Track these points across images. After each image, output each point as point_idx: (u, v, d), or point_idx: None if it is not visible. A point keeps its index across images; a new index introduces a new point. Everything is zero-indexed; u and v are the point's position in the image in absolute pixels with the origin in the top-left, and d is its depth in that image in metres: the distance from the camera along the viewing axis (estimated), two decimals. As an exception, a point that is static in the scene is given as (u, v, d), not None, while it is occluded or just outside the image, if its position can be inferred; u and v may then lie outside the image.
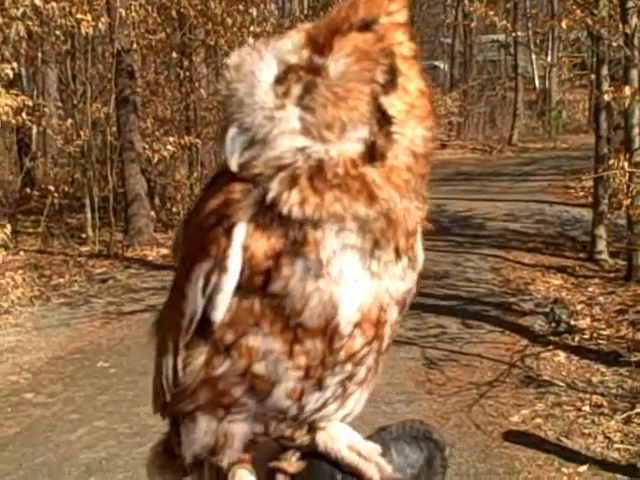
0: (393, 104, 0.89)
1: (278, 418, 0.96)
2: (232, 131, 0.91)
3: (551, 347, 7.30)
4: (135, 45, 13.68)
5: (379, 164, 0.89)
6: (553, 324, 7.84)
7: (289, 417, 0.96)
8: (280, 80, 0.90)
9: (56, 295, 9.90)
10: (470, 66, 32.25)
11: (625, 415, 5.82)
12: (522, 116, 28.14)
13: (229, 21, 14.03)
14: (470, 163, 22.91)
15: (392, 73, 0.90)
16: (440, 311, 8.37)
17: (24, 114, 9.87)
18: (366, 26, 0.89)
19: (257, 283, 0.89)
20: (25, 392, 6.72)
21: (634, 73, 9.23)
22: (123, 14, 11.89)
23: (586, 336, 7.56)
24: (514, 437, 5.56)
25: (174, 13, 14.39)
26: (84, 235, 12.90)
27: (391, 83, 0.90)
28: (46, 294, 9.94)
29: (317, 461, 1.01)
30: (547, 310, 8.15)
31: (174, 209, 14.23)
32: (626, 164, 7.57)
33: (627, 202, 8.06)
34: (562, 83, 29.96)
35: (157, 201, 14.41)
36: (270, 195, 0.88)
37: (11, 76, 9.68)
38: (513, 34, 19.54)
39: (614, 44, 9.87)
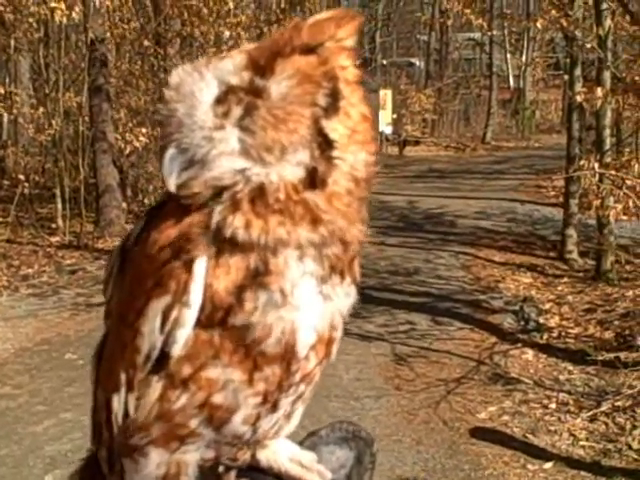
0: (334, 128, 0.88)
1: (232, 443, 0.95)
2: (170, 151, 0.90)
3: (519, 345, 7.36)
4: (109, 34, 13.56)
5: (320, 190, 0.88)
6: (522, 322, 7.90)
7: (243, 441, 0.95)
8: (220, 101, 0.89)
9: (24, 285, 9.80)
10: (445, 64, 32.35)
11: (591, 413, 5.87)
12: (496, 115, 28.28)
13: (205, 12, 13.95)
14: (443, 160, 23.01)
15: (334, 97, 0.89)
16: (410, 308, 8.40)
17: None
18: (309, 49, 0.88)
19: (218, 318, 0.87)
20: (-9, 383, 6.66)
21: (606, 75, 9.30)
22: (97, 3, 11.79)
23: (554, 334, 7.63)
24: (481, 434, 5.59)
25: (149, 2, 14.30)
26: (54, 225, 12.78)
27: (333, 107, 0.88)
28: (14, 284, 9.83)
29: (258, 475, 1.02)
30: (516, 308, 8.21)
31: (146, 201, 14.12)
32: (596, 165, 7.63)
33: (597, 203, 8.13)
34: (536, 83, 30.19)
35: (129, 192, 14.30)
36: (214, 220, 0.87)
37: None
38: (489, 33, 19.69)
39: (588, 45, 9.92)
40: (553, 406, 6.05)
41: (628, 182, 7.38)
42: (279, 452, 1.03)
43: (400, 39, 40.65)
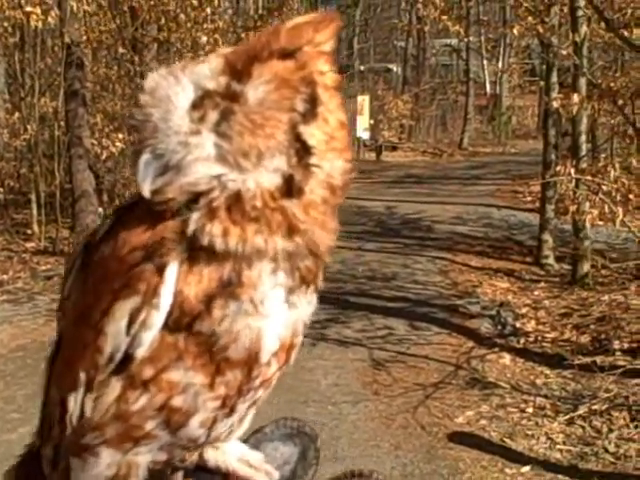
0: (312, 134, 0.87)
1: (186, 446, 0.95)
2: (145, 157, 0.88)
3: (497, 349, 7.38)
4: (85, 38, 13.49)
5: (297, 198, 0.87)
6: (499, 327, 7.94)
7: (196, 444, 0.95)
8: (196, 106, 0.87)
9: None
10: (423, 69, 32.48)
11: (568, 417, 5.90)
12: (472, 120, 28.43)
13: (182, 17, 13.91)
14: (420, 166, 23.08)
15: (312, 102, 0.88)
16: (388, 313, 8.41)
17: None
18: (287, 54, 0.87)
19: (184, 323, 0.86)
20: (-36, 389, 6.59)
21: (582, 81, 9.36)
22: (74, 7, 11.71)
23: (531, 339, 7.66)
24: (459, 438, 5.60)
25: (126, 7, 14.23)
26: (29, 231, 12.68)
27: (311, 112, 0.87)
28: (-11, 290, 9.74)
29: (205, 475, 1.01)
30: (493, 313, 8.25)
31: (123, 206, 14.04)
32: (573, 170, 7.67)
33: (573, 208, 8.17)
34: (512, 89, 30.37)
35: (105, 198, 14.21)
36: (191, 227, 0.85)
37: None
38: (466, 39, 19.80)
39: (564, 52, 10.00)
40: (530, 410, 6.07)
41: (604, 187, 7.41)
42: (227, 452, 1.03)
43: (377, 45, 40.77)
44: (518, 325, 8.02)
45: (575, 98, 7.90)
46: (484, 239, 12.30)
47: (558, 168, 8.08)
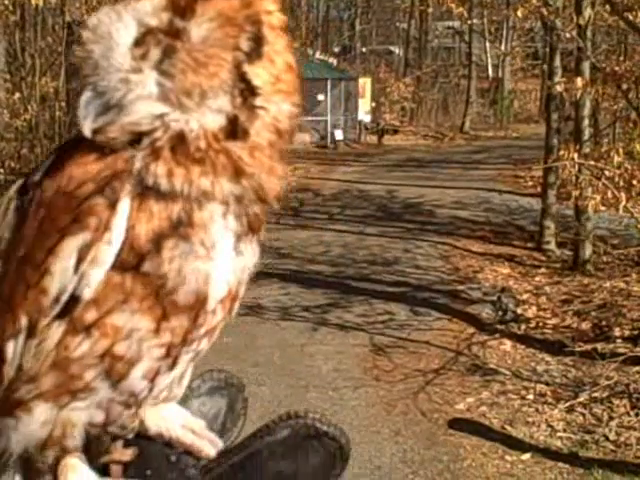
0: (257, 74, 0.84)
1: (125, 403, 0.89)
2: (86, 95, 0.85)
3: (498, 335, 7.37)
4: (86, 17, 13.40)
5: (242, 140, 0.84)
6: (500, 313, 7.92)
7: (137, 401, 0.90)
8: (138, 43, 0.84)
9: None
10: (425, 52, 32.37)
11: (568, 404, 5.90)
12: (474, 104, 28.36)
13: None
14: (422, 150, 23.03)
15: (257, 41, 0.85)
16: (389, 297, 8.40)
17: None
18: None
19: (133, 263, 0.83)
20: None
21: (586, 65, 9.32)
22: (75, -14, 11.64)
23: (532, 325, 7.65)
24: (459, 425, 5.60)
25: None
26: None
27: (256, 52, 0.85)
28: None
29: (148, 443, 0.96)
30: (494, 299, 8.22)
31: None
32: (576, 155, 7.64)
33: (576, 193, 8.14)
34: (515, 72, 30.28)
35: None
36: (136, 166, 0.82)
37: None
38: (468, 22, 19.70)
39: (567, 35, 9.94)
40: (531, 397, 6.07)
41: (607, 173, 7.38)
42: (170, 419, 0.98)
43: (379, 27, 40.56)
44: (519, 311, 8.01)
45: (579, 82, 7.85)
46: (485, 224, 12.28)
47: (561, 153, 8.05)
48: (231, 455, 0.96)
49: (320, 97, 23.50)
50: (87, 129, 0.84)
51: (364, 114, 24.73)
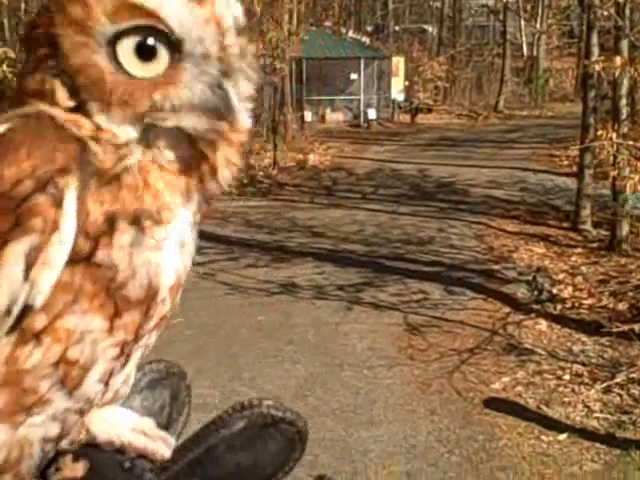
0: None
1: (81, 410, 0.85)
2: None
3: (533, 315, 7.33)
4: None
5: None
6: (535, 292, 7.87)
7: (92, 405, 0.86)
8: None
9: None
10: (458, 30, 32.07)
11: (605, 385, 5.86)
12: (509, 83, 28.08)
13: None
14: (455, 129, 22.87)
15: None
16: (423, 277, 8.37)
17: (5, 66, 9.69)
18: None
19: (84, 252, 0.77)
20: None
21: (624, 43, 9.18)
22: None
23: (568, 305, 7.60)
24: (495, 404, 5.58)
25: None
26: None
27: None
28: None
29: (98, 453, 0.91)
30: (530, 278, 8.17)
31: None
32: (614, 135, 7.54)
33: (614, 173, 8.05)
34: (550, 51, 29.90)
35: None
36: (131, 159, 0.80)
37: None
38: (503, 0, 19.46)
39: (605, 13, 9.80)
40: (567, 377, 6.04)
41: (646, 152, 7.30)
42: (117, 422, 0.93)
43: (413, 5, 40.19)
44: (555, 291, 7.95)
45: (617, 61, 7.74)
46: (520, 203, 12.18)
47: (599, 132, 7.95)
48: (186, 452, 0.92)
49: (353, 76, 23.41)
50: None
51: (397, 93, 24.59)
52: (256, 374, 6.00)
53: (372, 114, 23.28)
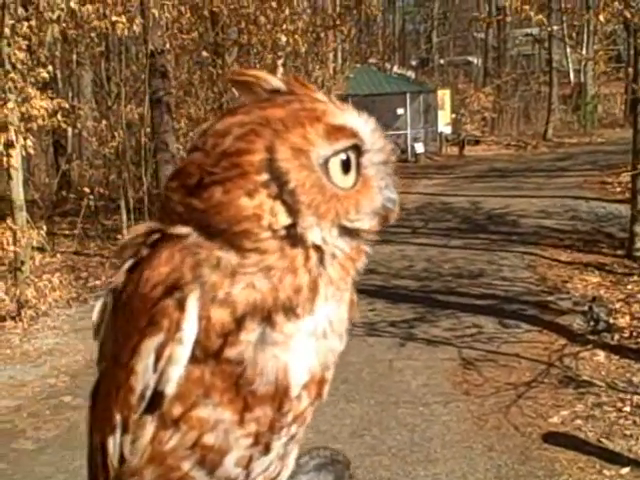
0: None
1: None
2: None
3: (590, 346, 7.21)
4: (168, 45, 13.75)
5: None
6: (592, 323, 7.74)
7: None
8: None
9: (93, 297, 9.96)
10: (504, 60, 32.04)
11: (667, 416, 5.73)
12: (557, 111, 27.91)
13: (262, 19, 14.05)
14: (504, 159, 22.76)
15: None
16: (476, 310, 8.31)
17: (59, 116, 9.95)
18: None
19: (213, 349, 0.86)
20: (63, 395, 6.78)
21: (671, 66, 9.08)
22: (156, 15, 11.94)
23: (626, 335, 7.46)
24: (554, 439, 5.49)
25: (206, 12, 14.44)
26: (120, 236, 12.95)
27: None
28: (83, 296, 10.02)
29: None
30: (585, 309, 8.04)
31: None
32: (665, 160, 7.46)
33: (667, 198, 7.94)
34: (597, 77, 29.66)
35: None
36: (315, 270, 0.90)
37: (47, 79, 9.78)
38: (547, 28, 19.40)
39: (650, 36, 9.71)
40: (627, 409, 5.91)
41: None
42: None
43: (457, 38, 40.34)
44: (612, 321, 7.80)
45: (665, 84, 7.66)
46: (572, 232, 12.04)
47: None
48: None
49: (400, 111, 23.50)
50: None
51: (444, 126, 24.60)
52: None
53: (420, 148, 23.31)
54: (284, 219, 0.84)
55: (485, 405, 6.09)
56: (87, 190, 12.89)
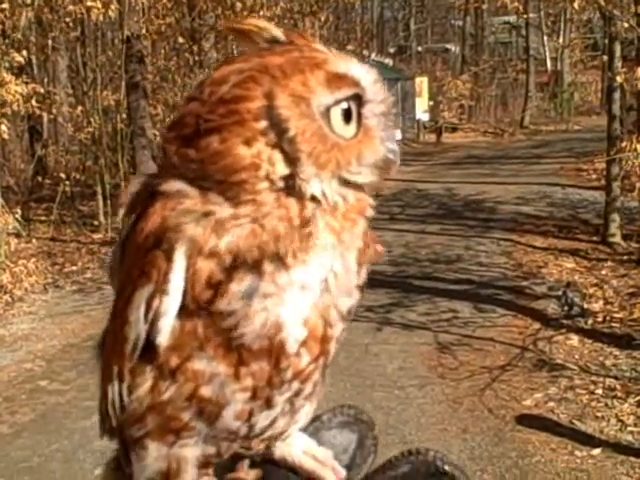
0: None
1: (229, 439, 0.93)
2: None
3: (564, 330, 7.29)
4: (144, 31, 13.67)
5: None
6: (566, 307, 7.82)
7: (240, 437, 0.94)
8: None
9: (69, 282, 9.94)
10: (481, 48, 32.10)
11: (638, 398, 5.80)
12: (534, 98, 28.03)
13: (239, 5, 14.00)
14: (481, 146, 22.84)
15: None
16: (452, 295, 8.37)
17: (34, 101, 9.88)
18: None
19: (203, 301, 0.85)
20: (39, 379, 6.76)
21: (646, 54, 9.15)
22: (133, 0, 11.86)
23: (599, 319, 7.54)
24: (527, 421, 5.55)
25: (183, -2, 14.38)
26: (96, 222, 12.93)
27: None
28: (59, 281, 9.98)
29: (272, 467, 1.01)
30: (560, 293, 8.12)
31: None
32: (639, 146, 7.52)
33: (640, 184, 8.02)
34: (574, 65, 29.81)
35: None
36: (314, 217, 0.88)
37: (22, 63, 9.70)
38: (524, 16, 19.47)
39: (626, 25, 9.77)
40: (600, 392, 5.99)
41: (671, 163, 7.26)
42: (293, 445, 1.02)
43: (435, 25, 40.36)
44: (585, 305, 7.89)
45: (639, 72, 7.72)
46: (548, 219, 12.13)
47: (624, 144, 7.93)
48: None
49: (377, 98, 23.47)
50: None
51: (422, 113, 24.65)
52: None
53: (397, 135, 23.31)
54: (282, 168, 0.83)
55: (460, 388, 6.14)
56: (63, 176, 12.84)
